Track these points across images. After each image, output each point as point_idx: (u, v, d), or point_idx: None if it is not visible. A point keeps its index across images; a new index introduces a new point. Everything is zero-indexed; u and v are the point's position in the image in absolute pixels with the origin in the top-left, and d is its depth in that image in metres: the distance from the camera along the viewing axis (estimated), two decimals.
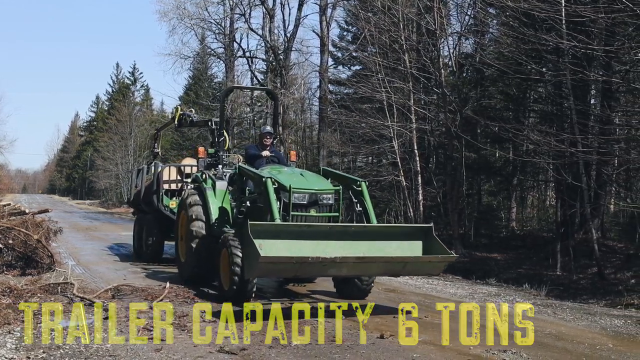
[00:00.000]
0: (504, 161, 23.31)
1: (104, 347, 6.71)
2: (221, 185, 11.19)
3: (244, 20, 35.72)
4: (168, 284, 10.35)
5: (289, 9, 50.37)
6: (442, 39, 21.05)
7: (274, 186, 9.37)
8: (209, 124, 14.65)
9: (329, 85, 31.97)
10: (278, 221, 8.97)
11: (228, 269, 9.09)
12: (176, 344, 6.90)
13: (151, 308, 8.83)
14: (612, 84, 16.05)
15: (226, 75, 38.06)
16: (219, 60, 40.60)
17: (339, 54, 33.91)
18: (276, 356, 6.52)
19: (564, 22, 14.35)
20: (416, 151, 21.44)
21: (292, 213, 9.44)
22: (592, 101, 18.28)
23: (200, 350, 6.65)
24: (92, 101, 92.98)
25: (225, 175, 11.62)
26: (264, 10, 34.11)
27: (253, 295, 9.12)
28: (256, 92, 38.46)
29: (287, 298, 10.12)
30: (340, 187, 10.03)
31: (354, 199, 9.97)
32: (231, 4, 35.91)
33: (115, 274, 12.49)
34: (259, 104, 37.94)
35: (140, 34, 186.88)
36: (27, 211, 13.30)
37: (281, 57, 32.83)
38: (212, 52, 40.38)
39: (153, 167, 16.04)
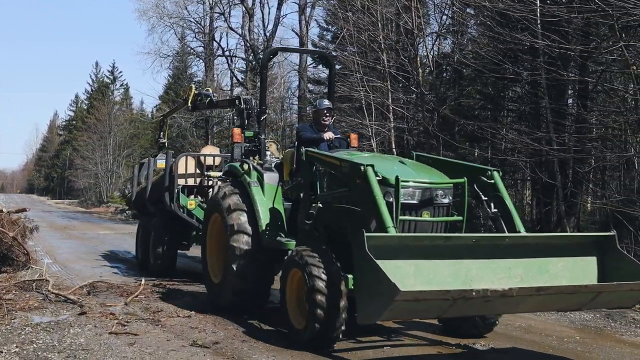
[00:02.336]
0: (482, 160, 23.50)
1: (77, 341, 6.75)
2: (271, 178, 8.47)
3: (223, 19, 35.77)
4: (143, 281, 10.39)
5: (269, 8, 50.08)
6: (420, 39, 21.20)
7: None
8: (237, 102, 11.35)
9: (309, 85, 32.06)
10: (392, 231, 6.09)
11: (305, 299, 6.51)
12: (150, 338, 6.96)
13: (126, 304, 8.91)
14: (587, 84, 16.25)
15: (206, 75, 38.01)
16: (198, 59, 40.56)
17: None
18: (248, 350, 6.58)
19: (538, 22, 14.51)
20: (394, 150, 21.55)
21: (400, 218, 6.57)
22: (570, 101, 18.49)
23: (173, 345, 6.70)
24: (71, 100, 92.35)
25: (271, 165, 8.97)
26: (244, 9, 34.13)
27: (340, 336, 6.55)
28: (236, 91, 38.39)
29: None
30: (465, 179, 7.02)
31: (482, 196, 7.11)
32: (211, 2, 35.95)
33: (92, 272, 12.48)
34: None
35: (120, 32, 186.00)
36: (2, 210, 13.23)
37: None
38: (192, 51, 40.33)
39: (160, 160, 13.34)
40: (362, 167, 6.53)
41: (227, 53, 37.14)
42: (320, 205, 7.32)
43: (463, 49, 21.89)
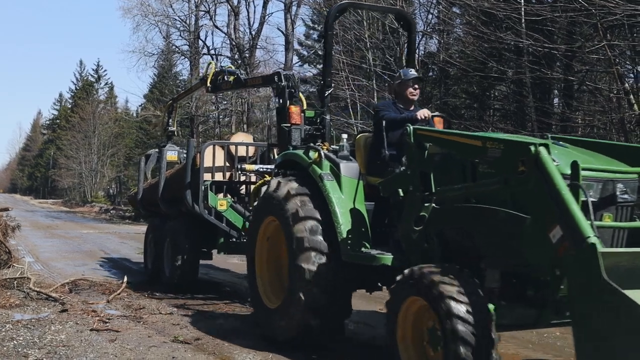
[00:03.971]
0: None
1: (58, 338, 6.68)
2: (350, 170, 6.38)
3: (208, 17, 35.71)
4: (126, 279, 10.30)
5: (254, 7, 50.23)
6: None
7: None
8: (276, 79, 9.08)
9: None
10: (598, 244, 3.86)
11: (429, 339, 4.78)
12: (131, 334, 6.91)
13: (108, 302, 8.86)
14: (572, 83, 16.35)
15: (191, 73, 37.89)
16: (183, 57, 40.41)
17: (305, 52, 34.01)
18: (229, 346, 6.55)
19: (523, 21, 14.59)
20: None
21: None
22: (555, 100, 18.60)
23: (155, 341, 6.66)
24: (55, 99, 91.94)
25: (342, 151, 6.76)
26: (229, 7, 34.10)
27: None
28: None
29: None
30: None
31: None
32: (196, 1, 35.87)
33: (74, 270, 12.38)
34: (225, 102, 37.80)
35: (104, 31, 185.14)
36: None
37: (246, 54, 32.80)
38: (177, 49, 40.17)
39: (171, 152, 11.80)
40: (532, 148, 4.45)
41: (212, 52, 37.07)
42: (436, 205, 5.24)
43: (449, 48, 21.97)
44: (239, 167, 9.62)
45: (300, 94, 9.12)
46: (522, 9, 14.41)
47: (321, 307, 6.08)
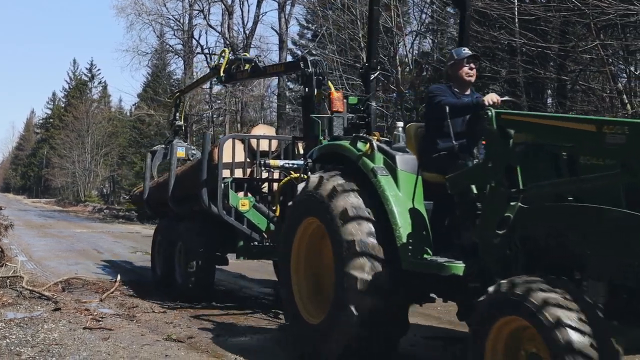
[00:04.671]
0: None
1: (51, 336, 6.68)
2: (407, 163, 5.49)
3: (202, 16, 35.67)
4: (119, 277, 10.31)
5: (248, 6, 50.04)
6: (400, 38, 21.25)
7: None
8: (302, 65, 8.25)
9: (288, 83, 32.03)
10: None
11: None
12: (124, 333, 6.92)
13: (102, 300, 8.86)
14: (565, 82, 16.39)
15: (185, 72, 37.86)
16: (177, 57, 40.40)
17: (299, 52, 33.99)
18: (222, 344, 6.54)
19: (516, 20, 14.62)
20: None
21: None
22: (549, 100, 18.65)
23: (148, 339, 6.66)
24: (49, 98, 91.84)
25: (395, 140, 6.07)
26: (223, 6, 34.09)
27: None
28: (215, 89, 38.24)
29: None
30: None
31: None
32: (190, 0, 35.78)
33: (67, 269, 12.35)
34: (218, 101, 37.78)
35: (98, 30, 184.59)
36: None
37: (240, 54, 32.76)
38: (171, 48, 40.15)
39: (179, 148, 10.99)
40: None
41: (206, 51, 37.05)
42: (523, 204, 4.40)
43: (443, 48, 22.00)
44: (261, 162, 8.52)
45: (330, 82, 8.38)
46: (516, 9, 14.44)
47: (375, 321, 5.17)
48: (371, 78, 6.57)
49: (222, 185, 8.41)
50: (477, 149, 5.30)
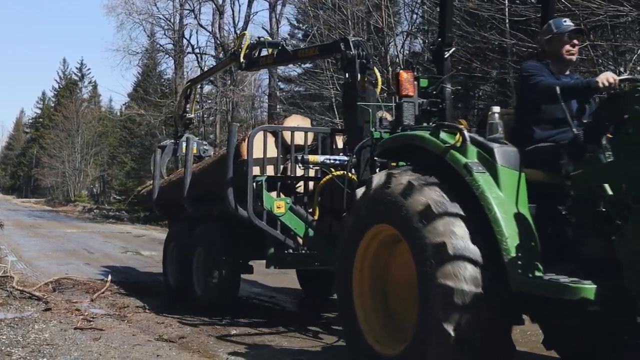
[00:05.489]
0: None
1: (42, 336, 6.66)
2: (508, 157, 4.48)
3: (193, 16, 35.66)
4: (110, 277, 10.29)
5: (239, 6, 50.57)
6: (391, 38, 21.28)
7: None
8: (342, 46, 7.22)
9: (279, 83, 32.04)
10: None
11: None
12: (115, 333, 6.90)
13: (92, 300, 8.84)
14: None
15: (175, 72, 37.81)
16: (168, 56, 40.34)
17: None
18: (214, 344, 6.54)
19: (507, 21, 14.68)
20: None
21: None
22: None
23: (139, 339, 6.65)
24: (38, 97, 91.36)
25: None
26: (214, 6, 34.08)
27: None
28: (206, 89, 38.15)
29: None
30: None
31: None
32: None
33: (58, 269, 12.30)
34: (209, 100, 37.72)
35: (88, 29, 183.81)
36: None
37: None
38: (161, 48, 40.09)
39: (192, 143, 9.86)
40: None
41: (197, 50, 37.05)
42: None
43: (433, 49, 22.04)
44: (298, 158, 7.10)
45: (375, 68, 7.36)
46: (506, 9, 14.50)
47: (478, 345, 4.16)
48: (445, 56, 5.77)
49: (255, 184, 7.15)
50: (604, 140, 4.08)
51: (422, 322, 4.33)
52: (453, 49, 5.85)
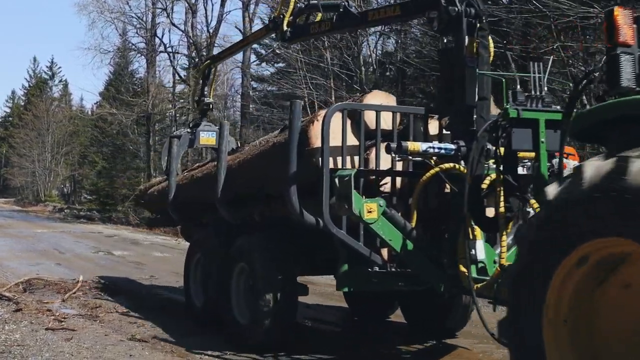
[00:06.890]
0: None
1: (12, 337, 6.59)
2: None
3: (165, 15, 35.34)
4: (81, 277, 10.20)
5: (212, 5, 50.30)
6: (364, 38, 21.35)
7: None
8: (443, 1, 5.40)
9: (252, 83, 31.97)
10: None
11: None
12: (87, 333, 6.86)
13: (64, 301, 8.76)
14: (527, 84, 16.63)
15: (147, 71, 37.52)
16: (140, 55, 39.98)
17: (263, 51, 33.91)
18: (187, 344, 6.51)
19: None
20: None
21: None
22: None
23: (111, 339, 6.62)
24: (8, 96, 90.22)
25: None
26: (187, 5, 33.83)
27: None
28: (178, 88, 37.93)
29: None
30: None
31: None
32: None
33: (28, 269, 12.17)
34: (181, 100, 37.50)
35: (59, 27, 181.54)
36: None
37: (204, 53, 32.56)
38: (133, 47, 39.73)
39: (209, 134, 8.91)
40: None
41: (169, 49, 36.81)
42: None
43: (406, 48, 22.14)
44: (392, 146, 5.17)
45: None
46: None
47: None
48: None
49: (338, 181, 5.25)
50: None
51: None
52: None
